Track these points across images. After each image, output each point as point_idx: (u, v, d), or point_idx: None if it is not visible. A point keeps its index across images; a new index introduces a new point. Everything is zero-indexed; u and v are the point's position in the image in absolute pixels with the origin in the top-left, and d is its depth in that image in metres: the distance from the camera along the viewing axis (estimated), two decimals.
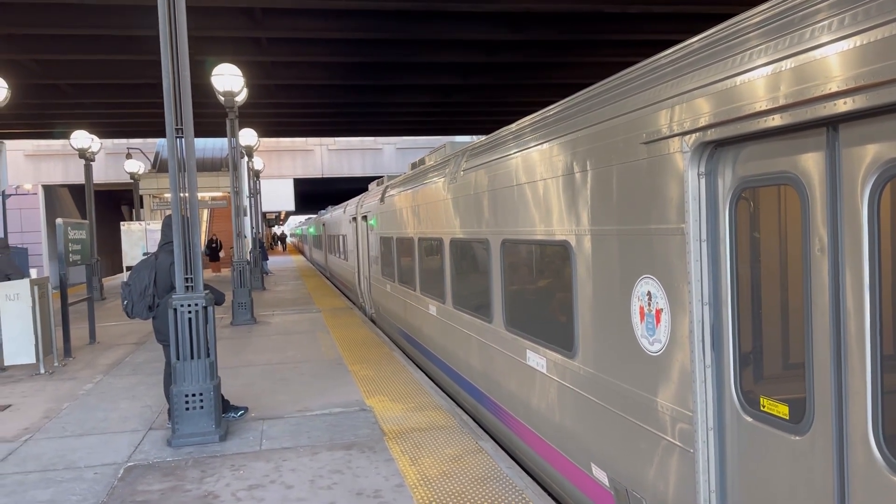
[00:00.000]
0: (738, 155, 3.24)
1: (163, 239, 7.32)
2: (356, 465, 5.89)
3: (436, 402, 7.78)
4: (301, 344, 12.06)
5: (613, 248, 4.27)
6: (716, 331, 3.44)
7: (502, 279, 6.43)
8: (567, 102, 5.18)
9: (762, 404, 3.17)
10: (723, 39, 3.33)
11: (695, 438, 3.50)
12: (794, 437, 2.96)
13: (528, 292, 5.97)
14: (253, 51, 15.96)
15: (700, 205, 3.43)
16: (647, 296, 3.91)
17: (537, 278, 5.80)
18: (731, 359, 3.36)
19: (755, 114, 2.93)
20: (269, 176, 38.90)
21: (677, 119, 3.51)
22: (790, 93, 2.75)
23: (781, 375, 3.17)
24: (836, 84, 2.54)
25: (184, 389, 6.66)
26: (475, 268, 7.39)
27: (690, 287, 3.47)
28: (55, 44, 15.35)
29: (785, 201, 3.06)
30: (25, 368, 10.40)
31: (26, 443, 6.91)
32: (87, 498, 5.42)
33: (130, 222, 26.70)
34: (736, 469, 3.36)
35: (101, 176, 31.99)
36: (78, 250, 12.19)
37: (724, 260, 3.36)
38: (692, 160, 3.43)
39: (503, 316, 6.42)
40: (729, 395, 3.38)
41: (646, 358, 3.95)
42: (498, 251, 6.46)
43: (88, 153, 21.55)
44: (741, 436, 3.31)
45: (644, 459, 4.00)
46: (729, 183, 3.31)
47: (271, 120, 25.16)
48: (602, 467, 4.53)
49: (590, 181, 4.52)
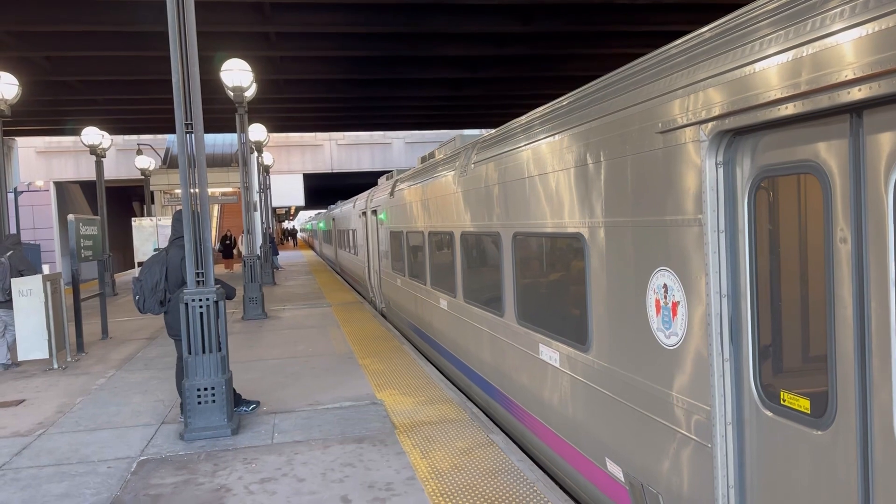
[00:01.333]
0: (757, 143, 3.17)
1: (173, 234, 7.35)
2: (367, 458, 5.91)
3: (446, 395, 7.79)
4: (312, 338, 12.09)
5: (628, 240, 4.20)
6: (734, 323, 3.38)
7: (514, 272, 6.38)
8: (580, 92, 5.09)
9: (782, 398, 3.10)
10: (740, 25, 3.26)
11: (713, 433, 3.44)
12: (815, 431, 2.90)
13: (541, 286, 5.93)
14: (262, 46, 15.97)
15: (718, 195, 3.36)
16: (663, 288, 3.85)
17: (550, 271, 5.75)
18: (749, 352, 3.29)
19: (775, 101, 2.86)
20: (279, 171, 38.99)
21: (694, 108, 3.44)
22: (811, 79, 2.68)
23: (802, 369, 3.10)
24: (859, 69, 2.47)
25: (196, 383, 6.69)
26: (486, 261, 7.35)
27: (708, 279, 3.40)
28: (66, 40, 15.42)
29: (806, 190, 2.98)
30: (39, 364, 10.48)
31: (40, 437, 6.96)
32: (101, 492, 5.46)
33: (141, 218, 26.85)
34: (755, 464, 3.30)
35: (112, 172, 32.18)
36: (90, 246, 12.26)
37: (743, 251, 3.30)
38: (710, 149, 3.36)
39: (515, 310, 6.38)
40: (748, 388, 3.31)
41: (662, 351, 3.89)
42: (509, 244, 6.42)
43: (99, 150, 21.65)
44: (760, 430, 3.24)
45: (660, 454, 3.95)
46: (748, 172, 3.24)
47: (280, 115, 25.19)
48: (617, 462, 4.49)
49: (604, 172, 4.45)
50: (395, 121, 28.58)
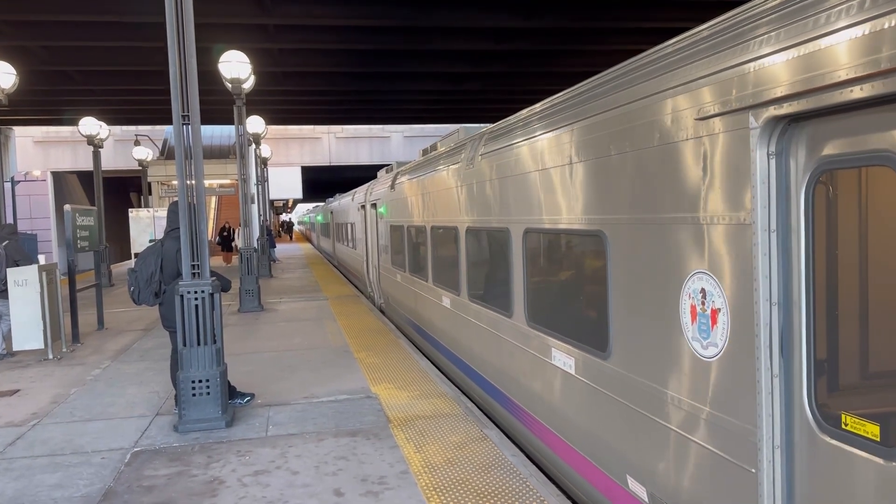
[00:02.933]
0: (817, 132, 2.80)
1: (169, 225, 7.34)
2: (361, 451, 5.91)
3: (441, 390, 7.79)
4: (307, 331, 12.09)
5: (660, 240, 3.79)
6: (785, 335, 3.01)
7: (524, 271, 5.97)
8: (601, 78, 4.66)
9: (844, 421, 2.74)
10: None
11: (758, 457, 3.06)
12: (886, 461, 2.53)
13: (554, 286, 5.55)
14: (260, 38, 15.92)
15: (769, 190, 2.98)
16: (700, 293, 3.46)
17: (564, 271, 5.37)
18: (803, 367, 2.92)
19: (844, 82, 2.50)
20: (277, 163, 38.93)
21: (741, 91, 3.04)
22: (893, 55, 2.31)
23: (867, 387, 2.75)
24: None
25: (190, 375, 6.68)
26: (494, 258, 6.98)
27: (756, 284, 3.03)
28: (64, 30, 15.37)
29: (875, 185, 2.64)
30: (34, 354, 10.47)
31: (34, 427, 6.96)
32: (94, 482, 5.46)
33: (139, 209, 26.80)
34: (807, 494, 2.93)
35: (109, 163, 32.15)
36: (86, 237, 12.26)
37: (797, 253, 2.93)
38: (761, 138, 2.96)
39: (525, 310, 5.98)
40: (800, 408, 2.95)
41: (698, 363, 3.50)
42: (520, 241, 6.03)
43: (97, 140, 21.58)
44: (816, 457, 2.87)
45: (692, 476, 3.57)
46: (805, 164, 2.87)
47: (279, 107, 25.15)
48: (640, 481, 4.10)
49: (630, 164, 4.05)
50: (394, 114, 28.57)
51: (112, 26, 15.27)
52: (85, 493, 5.26)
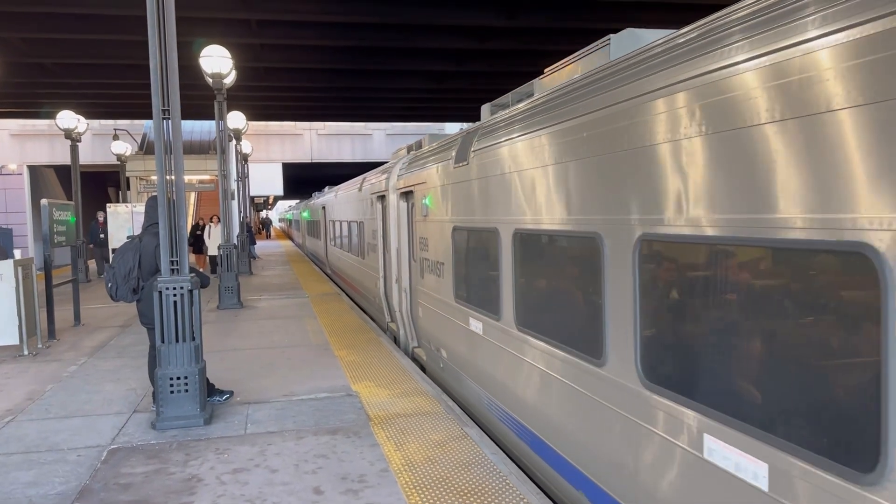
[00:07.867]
0: None
1: (147, 220, 7.26)
2: (341, 449, 5.89)
3: (421, 388, 7.79)
4: (288, 329, 12.03)
5: None
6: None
7: None
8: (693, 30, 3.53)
9: None
10: None
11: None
12: None
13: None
14: (242, 33, 15.80)
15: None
16: None
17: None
18: None
19: None
20: (258, 160, 38.61)
21: None
22: None
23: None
24: None
25: (168, 372, 6.63)
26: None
27: None
28: (42, 22, 15.13)
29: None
30: (8, 350, 10.32)
31: (9, 424, 6.86)
32: (70, 480, 5.39)
33: (117, 204, 26.44)
34: None
35: (87, 157, 31.71)
36: (63, 232, 12.09)
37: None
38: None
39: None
40: None
41: None
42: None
43: (75, 134, 21.29)
44: None
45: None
46: None
47: (260, 103, 24.96)
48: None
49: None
50: (376, 112, 28.44)
51: (91, 19, 15.05)
52: (60, 490, 5.19)
